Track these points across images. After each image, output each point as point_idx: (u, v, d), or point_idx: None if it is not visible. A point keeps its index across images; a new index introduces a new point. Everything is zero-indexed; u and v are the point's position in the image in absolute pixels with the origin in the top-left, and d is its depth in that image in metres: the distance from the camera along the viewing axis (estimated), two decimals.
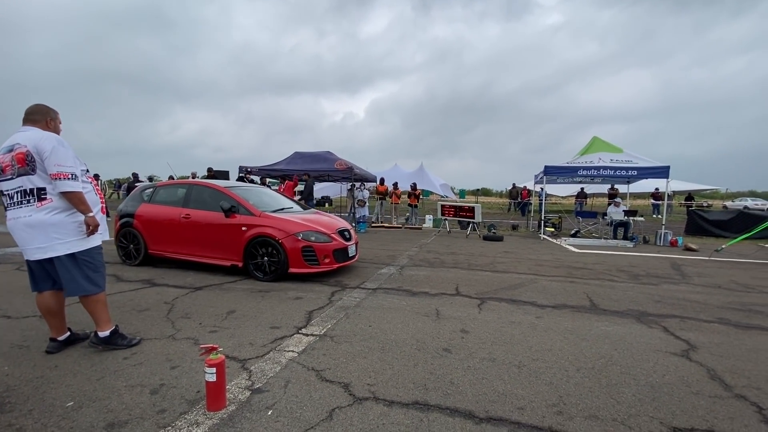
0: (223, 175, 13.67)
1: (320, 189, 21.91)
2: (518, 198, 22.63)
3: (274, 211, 5.67)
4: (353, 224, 13.50)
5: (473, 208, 11.86)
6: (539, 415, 2.21)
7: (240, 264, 5.33)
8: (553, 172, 11.71)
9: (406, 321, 3.74)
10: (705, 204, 27.20)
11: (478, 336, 3.40)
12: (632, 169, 11.17)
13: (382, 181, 15.91)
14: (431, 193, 27.37)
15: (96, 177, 14.07)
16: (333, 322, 3.66)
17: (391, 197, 16.10)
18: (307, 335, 3.32)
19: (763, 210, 20.00)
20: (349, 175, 12.88)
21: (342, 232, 5.81)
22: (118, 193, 31.61)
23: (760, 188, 44.37)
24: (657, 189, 20.02)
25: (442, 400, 2.35)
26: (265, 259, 5.20)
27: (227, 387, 2.34)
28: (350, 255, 5.83)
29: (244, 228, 5.30)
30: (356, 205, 14.17)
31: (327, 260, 5.33)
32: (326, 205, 18.57)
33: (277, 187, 12.18)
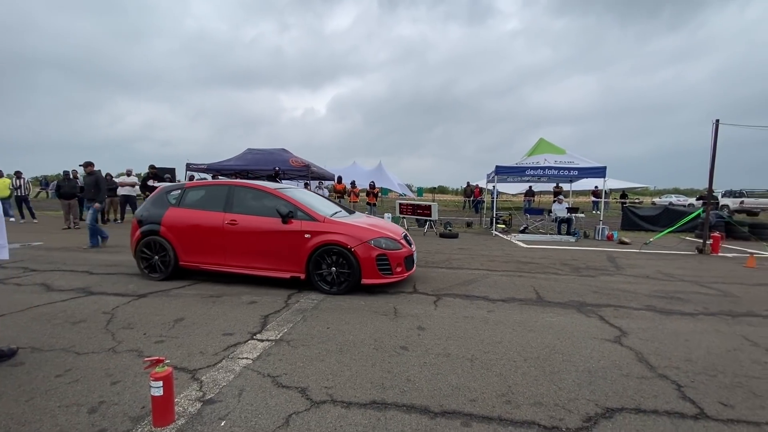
0: (169, 172, 12.84)
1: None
2: (472, 196, 23.47)
3: (333, 215, 5.17)
4: None
5: (430, 206, 12.14)
6: (489, 406, 2.33)
7: (302, 276, 4.77)
8: (503, 172, 12.30)
9: (364, 321, 3.76)
10: (637, 201, 29.90)
11: (434, 332, 3.51)
12: (573, 169, 12.03)
13: (339, 179, 15.80)
14: (390, 191, 27.63)
15: (18, 174, 12.61)
16: (289, 326, 3.60)
17: (349, 196, 16.04)
18: (262, 341, 3.24)
19: (684, 206, 22.35)
20: (306, 173, 12.66)
21: (406, 237, 5.39)
22: (46, 192, 28.53)
23: (683, 186, 49.69)
24: (596, 187, 21.67)
25: (399, 397, 2.40)
26: (333, 269, 4.68)
27: (176, 400, 2.23)
28: (415, 262, 5.44)
29: (307, 235, 4.73)
30: None
31: (399, 269, 4.87)
32: None
33: None
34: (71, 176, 12.06)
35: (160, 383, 1.98)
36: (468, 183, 25.32)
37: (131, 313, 3.87)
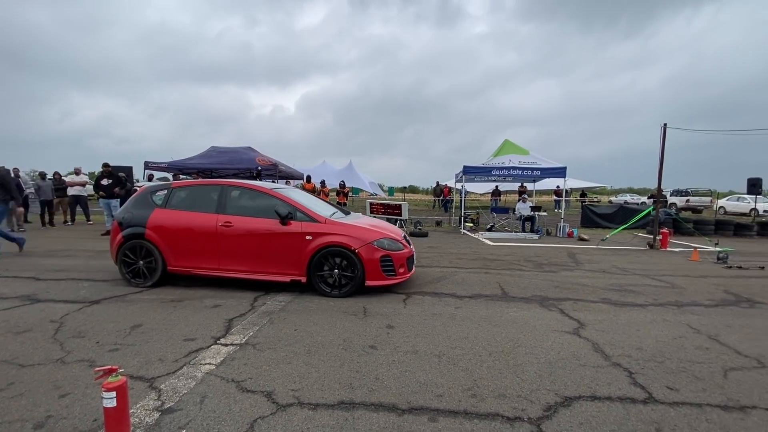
0: (124, 171, 12.13)
1: None
2: (441, 195, 23.88)
3: (331, 216, 5.01)
4: None
5: (401, 205, 12.23)
6: (456, 400, 2.38)
7: (303, 279, 4.64)
8: (471, 172, 12.61)
9: (333, 321, 3.73)
10: (595, 200, 31.57)
11: (403, 330, 3.54)
12: (536, 169, 12.52)
13: (308, 178, 15.58)
14: (361, 190, 27.57)
15: None
16: (255, 329, 3.51)
17: (318, 195, 15.86)
18: (226, 345, 3.14)
19: (638, 204, 23.84)
20: (274, 172, 12.38)
21: (405, 238, 5.34)
22: None
23: (636, 185, 53.00)
24: (558, 187, 22.68)
25: (367, 396, 2.40)
26: (336, 271, 4.59)
27: (132, 411, 2.12)
28: (414, 262, 5.39)
29: (308, 237, 4.60)
30: None
31: (402, 270, 4.83)
32: None
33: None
34: (17, 174, 11.11)
35: (113, 394, 1.87)
36: (437, 183, 25.72)
37: (82, 321, 3.63)
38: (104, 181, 10.10)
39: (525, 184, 18.14)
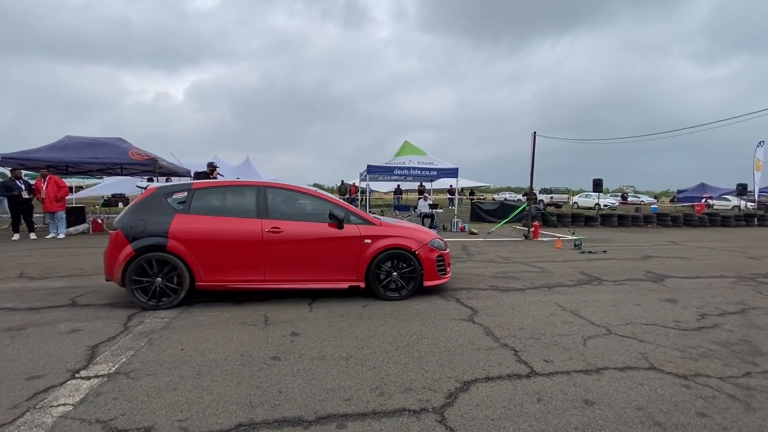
0: None
1: (110, 185, 17.72)
2: (347, 194, 23.98)
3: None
4: None
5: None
6: (364, 402, 2.34)
7: (362, 284, 4.51)
8: (374, 171, 12.92)
9: (229, 335, 3.37)
10: (482, 197, 35.37)
11: (309, 336, 3.38)
12: (433, 169, 13.45)
13: (197, 175, 14.04)
14: None
15: None
16: (129, 354, 2.96)
17: None
18: (88, 378, 2.57)
19: (515, 201, 27.48)
20: (153, 167, 10.78)
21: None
22: None
23: (513, 184, 61.14)
24: (451, 186, 24.75)
25: (269, 413, 2.20)
26: (395, 274, 4.55)
27: None
28: None
29: (367, 240, 4.47)
30: None
31: (449, 268, 5.02)
32: (120, 204, 14.95)
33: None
34: None
35: None
36: (342, 181, 25.75)
37: None
38: None
39: (423, 184, 19.30)
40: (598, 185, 16.50)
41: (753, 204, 21.90)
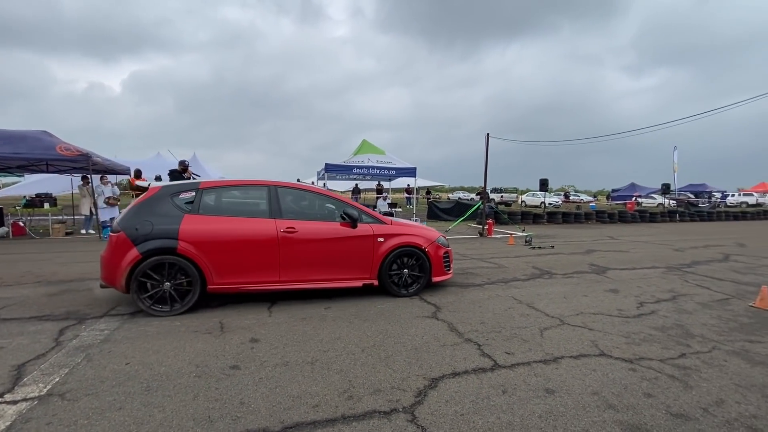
0: None
1: (33, 183, 15.90)
2: None
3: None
4: (96, 229, 10.45)
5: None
6: (332, 407, 2.27)
7: (375, 282, 4.59)
8: (332, 170, 12.73)
9: (181, 345, 3.12)
10: (437, 196, 36.27)
11: (270, 342, 3.22)
12: (392, 169, 13.53)
13: (138, 173, 12.98)
14: None
15: None
16: (64, 372, 2.64)
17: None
18: (15, 402, 2.25)
19: (468, 200, 28.47)
20: (85, 163, 9.76)
21: None
22: None
23: (467, 184, 63.44)
24: (408, 185, 25.09)
25: (231, 427, 2.06)
26: (405, 271, 4.69)
27: None
28: None
29: (380, 239, 4.56)
30: (103, 205, 10.93)
31: (452, 264, 5.21)
32: (46, 205, 13.42)
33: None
34: None
35: None
36: (298, 179, 25.13)
37: None
38: None
39: (382, 183, 19.37)
40: (544, 185, 17.54)
41: (674, 202, 24.53)
